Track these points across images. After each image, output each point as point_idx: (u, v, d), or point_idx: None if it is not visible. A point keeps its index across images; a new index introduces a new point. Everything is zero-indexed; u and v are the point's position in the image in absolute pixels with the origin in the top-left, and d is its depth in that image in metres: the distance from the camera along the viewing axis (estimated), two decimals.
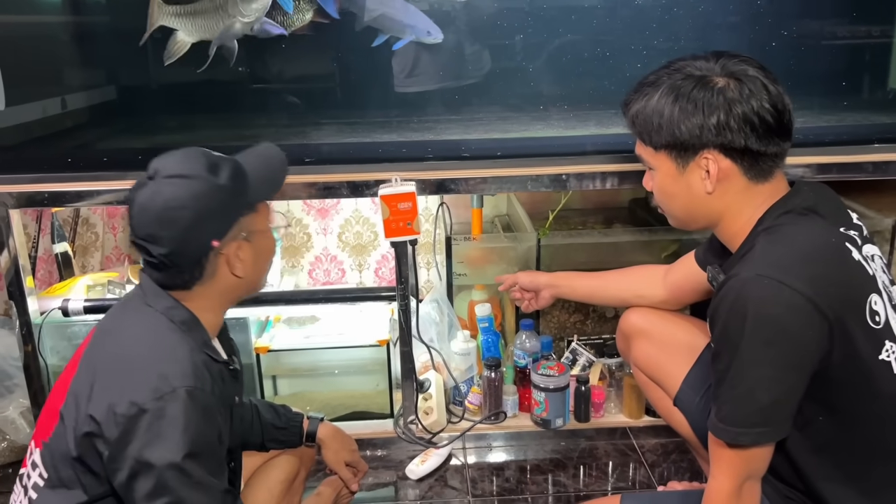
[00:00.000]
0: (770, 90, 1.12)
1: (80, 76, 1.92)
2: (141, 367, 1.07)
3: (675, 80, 1.16)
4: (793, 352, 1.04)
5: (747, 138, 1.12)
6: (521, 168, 1.80)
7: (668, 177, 1.21)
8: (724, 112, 1.11)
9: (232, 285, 1.19)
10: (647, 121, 1.18)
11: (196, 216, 1.10)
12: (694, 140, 1.14)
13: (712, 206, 1.19)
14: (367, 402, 2.07)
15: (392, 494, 1.86)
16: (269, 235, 1.24)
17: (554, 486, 1.85)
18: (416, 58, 1.86)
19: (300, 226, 2.67)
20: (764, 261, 1.07)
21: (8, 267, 1.80)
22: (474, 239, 2.27)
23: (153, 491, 1.04)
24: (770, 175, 1.16)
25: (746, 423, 1.07)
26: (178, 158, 1.14)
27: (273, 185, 1.22)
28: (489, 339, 2.17)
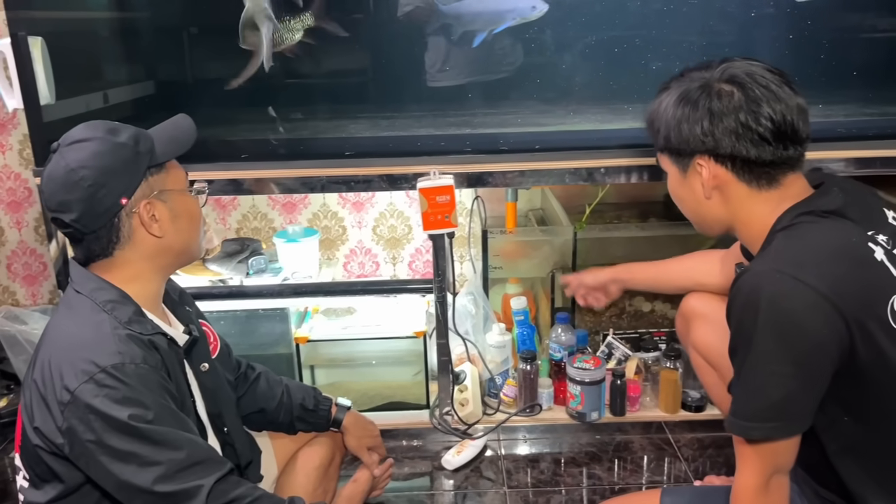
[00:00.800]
0: (769, 97, 1.10)
1: (123, 71, 1.96)
2: (68, 355, 1.08)
3: (679, 85, 1.18)
4: (807, 348, 1.03)
5: (734, 147, 1.11)
6: (558, 161, 1.80)
7: (674, 180, 1.23)
8: (707, 120, 1.12)
9: (154, 248, 1.18)
10: (651, 125, 1.22)
11: (98, 173, 1.11)
12: (684, 146, 1.16)
13: (717, 212, 1.19)
14: (403, 393, 2.10)
15: (428, 484, 1.88)
16: (187, 197, 1.23)
17: (589, 479, 1.86)
18: (452, 52, 1.87)
19: (335, 219, 2.70)
20: (779, 257, 1.06)
21: (57, 256, 1.85)
22: (509, 232, 2.27)
23: (118, 459, 1.06)
24: (775, 181, 1.13)
25: (757, 417, 1.06)
26: (79, 128, 1.16)
27: (180, 144, 1.22)
28: (524, 332, 2.17)
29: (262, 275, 2.20)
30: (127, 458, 1.06)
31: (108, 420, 1.04)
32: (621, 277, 1.76)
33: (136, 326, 1.14)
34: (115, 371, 1.06)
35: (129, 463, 1.06)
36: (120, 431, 1.05)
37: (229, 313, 2.05)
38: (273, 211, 2.70)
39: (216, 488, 1.09)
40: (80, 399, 1.04)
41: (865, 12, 1.88)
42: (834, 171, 1.80)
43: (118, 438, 1.05)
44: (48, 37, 1.73)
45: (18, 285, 2.78)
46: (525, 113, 1.94)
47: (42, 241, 2.72)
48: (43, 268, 2.76)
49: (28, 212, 2.70)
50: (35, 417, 1.10)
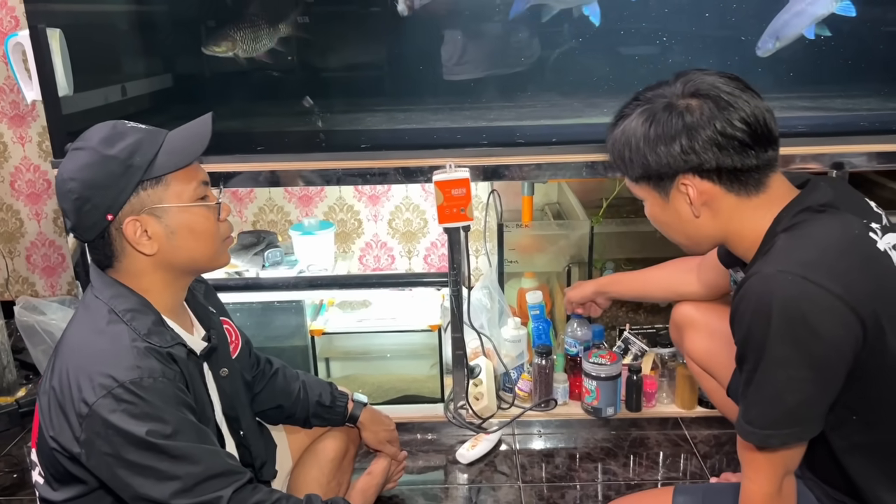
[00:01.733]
0: (739, 102, 1.07)
1: (141, 64, 1.97)
2: (87, 366, 1.07)
3: (640, 109, 1.12)
4: (822, 351, 1.00)
5: (718, 158, 1.07)
6: (576, 155, 1.79)
7: (655, 207, 1.17)
8: (686, 137, 1.07)
9: (151, 264, 1.14)
10: (620, 154, 1.15)
11: (82, 187, 1.08)
12: (665, 169, 1.10)
13: (706, 229, 1.14)
14: (418, 386, 2.09)
15: (442, 478, 1.88)
16: (192, 210, 1.15)
17: (604, 475, 1.85)
18: (469, 46, 1.86)
19: (351, 212, 2.70)
20: (785, 257, 1.03)
21: (75, 248, 1.87)
22: (525, 226, 2.26)
23: (136, 473, 1.05)
24: (761, 185, 1.10)
25: (775, 425, 1.04)
26: (90, 130, 1.13)
27: (182, 157, 1.14)
28: (540, 327, 2.16)
29: (277, 267, 2.21)
30: (145, 471, 1.06)
31: (126, 436, 1.04)
32: (605, 290, 1.76)
33: (156, 339, 1.12)
34: (133, 386, 1.05)
35: (148, 477, 1.06)
36: (138, 446, 1.05)
37: (245, 305, 2.06)
38: (289, 204, 2.70)
39: (234, 497, 1.10)
40: (97, 413, 1.04)
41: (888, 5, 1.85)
42: (856, 165, 1.77)
43: (136, 453, 1.05)
44: (67, 29, 1.74)
45: (38, 276, 2.81)
46: (542, 105, 1.93)
47: (61, 232, 2.74)
48: (61, 259, 2.79)
49: (47, 203, 2.72)
50: (52, 425, 1.09)
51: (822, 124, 1.80)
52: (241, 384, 1.37)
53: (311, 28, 1.88)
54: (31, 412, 2.16)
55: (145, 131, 1.15)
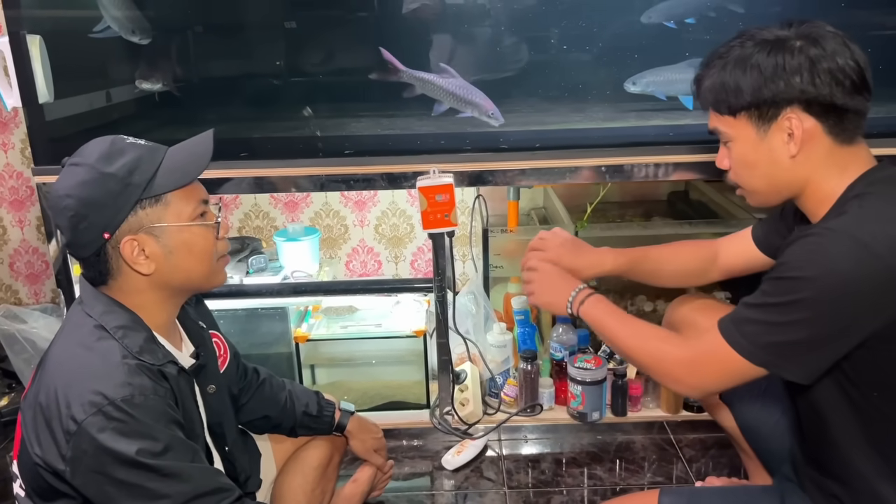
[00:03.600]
0: (850, 47, 1.10)
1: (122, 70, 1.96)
2: (76, 382, 1.05)
3: (749, 46, 1.13)
4: (851, 315, 1.02)
5: (833, 94, 1.09)
6: (559, 160, 1.79)
7: (747, 144, 1.16)
8: (807, 69, 1.08)
9: (145, 283, 1.13)
10: (725, 86, 1.14)
11: (80, 204, 1.06)
12: (778, 98, 1.11)
13: (796, 172, 1.15)
14: (403, 392, 2.09)
15: (428, 484, 1.87)
16: (189, 230, 1.14)
17: (590, 480, 1.85)
18: (454, 50, 1.86)
19: (337, 217, 2.69)
20: (855, 222, 1.05)
21: (56, 256, 1.85)
22: (511, 231, 2.26)
23: (124, 492, 1.04)
24: (854, 137, 1.13)
25: (766, 351, 1.06)
26: (88, 145, 1.11)
27: (182, 176, 1.13)
28: (525, 332, 2.16)
29: (262, 273, 2.20)
30: (134, 490, 1.04)
31: (115, 455, 1.02)
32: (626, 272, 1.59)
33: (147, 356, 1.10)
34: (124, 404, 1.03)
35: (137, 496, 1.04)
36: (127, 465, 1.03)
37: (229, 312, 2.05)
38: (275, 210, 2.69)
39: None
40: (86, 431, 1.02)
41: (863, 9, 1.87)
42: None
43: (125, 472, 1.03)
44: (47, 35, 1.73)
45: (21, 284, 2.79)
46: (526, 111, 1.93)
47: (44, 240, 2.72)
48: (45, 266, 2.76)
49: (30, 210, 2.70)
50: (38, 441, 1.07)
51: None
52: (228, 399, 1.36)
53: (295, 34, 1.87)
54: (14, 421, 2.15)
55: (145, 148, 1.13)
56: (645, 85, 1.76)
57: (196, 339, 1.28)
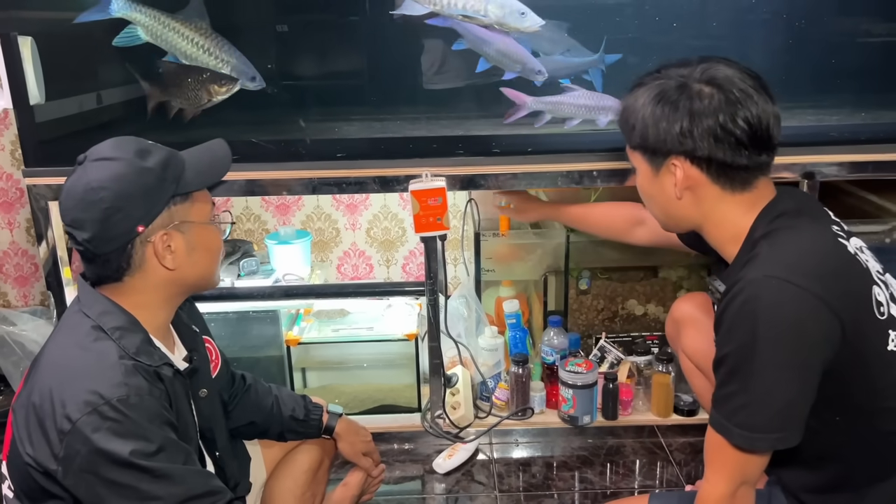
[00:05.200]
0: (748, 102, 1.09)
1: (115, 73, 1.95)
2: (71, 382, 1.04)
3: (657, 83, 1.15)
4: (806, 353, 1.03)
5: (712, 150, 1.10)
6: (551, 164, 1.80)
7: (644, 177, 1.21)
8: (687, 121, 1.10)
9: (165, 279, 1.14)
10: (625, 120, 1.19)
11: (116, 197, 1.07)
12: (660, 145, 1.14)
13: (687, 212, 1.18)
14: (394, 396, 2.09)
15: (419, 488, 1.87)
16: (209, 229, 1.19)
17: (581, 483, 1.85)
18: (445, 55, 1.87)
19: (329, 221, 2.69)
20: (770, 263, 1.06)
21: (46, 258, 1.84)
22: (502, 235, 2.27)
23: (116, 493, 1.03)
24: (747, 185, 1.13)
25: (765, 428, 1.05)
26: (109, 143, 1.12)
27: (210, 175, 1.18)
28: (517, 336, 2.17)
29: (253, 276, 2.20)
30: (126, 491, 1.03)
31: (108, 455, 1.02)
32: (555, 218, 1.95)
33: (144, 357, 1.10)
34: (119, 404, 1.03)
35: (128, 497, 1.04)
36: (120, 466, 1.03)
37: (220, 315, 2.04)
38: (266, 213, 2.69)
39: None
40: (80, 431, 1.01)
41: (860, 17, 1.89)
42: (827, 175, 1.80)
43: (118, 472, 1.03)
44: (38, 37, 1.72)
45: (10, 286, 2.77)
46: None
47: (34, 242, 2.71)
48: (34, 269, 2.75)
49: (20, 212, 2.68)
50: (30, 441, 1.06)
51: (794, 134, 1.82)
52: (219, 404, 1.36)
53: (288, 38, 1.87)
54: (3, 424, 2.13)
55: (167, 149, 1.15)
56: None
57: (189, 343, 1.28)
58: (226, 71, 1.65)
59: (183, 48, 1.65)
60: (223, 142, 1.25)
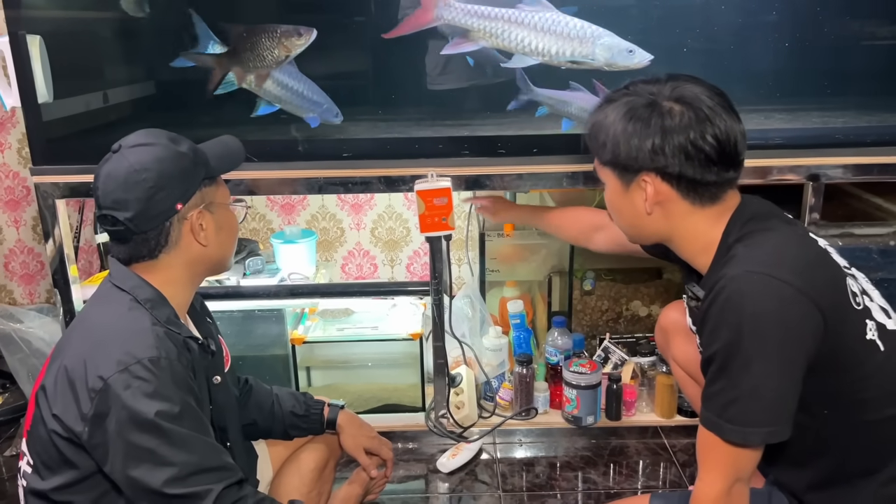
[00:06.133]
0: (717, 119, 1.11)
1: (123, 71, 1.96)
2: (105, 345, 1.10)
3: (627, 100, 1.16)
4: (791, 345, 1.04)
5: (682, 167, 1.12)
6: (556, 165, 1.80)
7: (613, 192, 1.22)
8: (659, 138, 1.11)
9: (196, 255, 1.22)
10: (595, 136, 1.20)
11: (159, 177, 1.15)
12: (631, 162, 1.15)
13: (657, 226, 1.19)
14: (399, 395, 2.09)
15: (423, 487, 1.88)
16: (230, 211, 1.29)
17: (584, 483, 1.86)
18: (450, 56, 1.87)
19: (334, 220, 2.70)
20: (749, 260, 1.08)
21: (53, 256, 1.85)
22: (507, 236, 2.27)
23: (134, 455, 1.06)
24: (716, 199, 1.15)
25: (757, 422, 1.06)
26: (141, 133, 1.20)
27: (231, 161, 1.29)
28: (521, 336, 2.17)
29: (258, 275, 2.20)
30: (143, 454, 1.06)
31: (135, 414, 1.06)
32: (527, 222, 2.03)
33: (174, 326, 1.17)
34: (150, 364, 1.08)
35: (144, 461, 1.06)
36: (143, 427, 1.06)
37: (226, 314, 2.05)
38: (272, 212, 2.70)
39: (224, 493, 1.10)
40: (111, 388, 1.06)
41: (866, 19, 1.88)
42: (832, 177, 1.80)
43: (139, 433, 1.06)
44: (47, 35, 1.73)
45: (16, 284, 2.78)
46: (523, 116, 1.94)
47: (40, 240, 2.72)
48: (40, 267, 2.76)
49: (26, 210, 2.70)
50: (56, 403, 1.10)
51: (799, 136, 1.82)
52: (232, 397, 1.38)
53: None
54: (10, 420, 2.15)
55: (189, 139, 1.24)
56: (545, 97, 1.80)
57: (204, 331, 1.34)
58: (314, 112, 1.78)
59: (269, 90, 1.77)
60: (233, 137, 1.33)
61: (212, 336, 1.34)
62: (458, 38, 1.71)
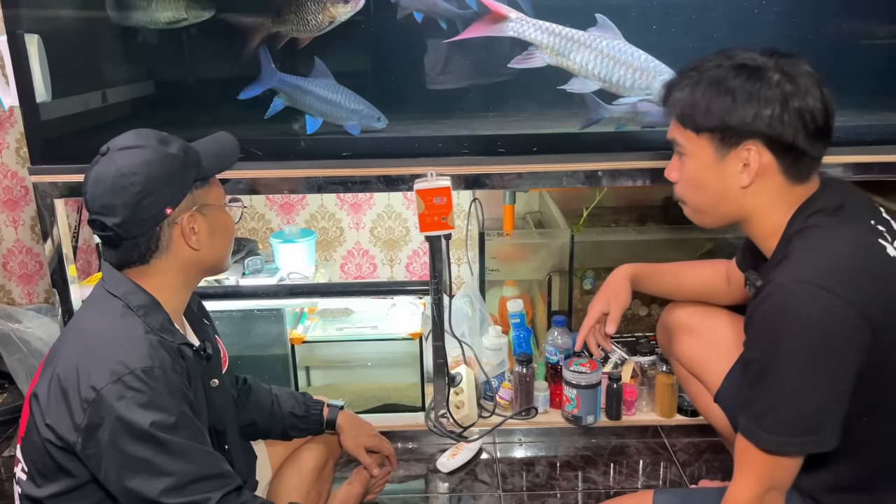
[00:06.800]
0: (822, 92, 1.10)
1: (121, 71, 1.96)
2: (98, 353, 1.08)
3: (728, 67, 1.13)
4: (833, 356, 1.02)
5: (796, 135, 1.09)
6: (556, 164, 1.80)
7: (702, 164, 1.16)
8: (779, 104, 1.08)
9: (189, 259, 1.20)
10: (695, 103, 1.14)
11: (147, 181, 1.12)
12: (743, 128, 1.10)
13: (743, 203, 1.16)
14: (398, 395, 2.09)
15: (423, 487, 1.87)
16: (224, 212, 1.26)
17: (584, 483, 1.85)
18: (450, 54, 1.87)
19: (333, 220, 2.69)
20: (801, 266, 1.05)
21: (52, 255, 1.85)
22: (507, 235, 2.27)
23: (130, 466, 1.05)
24: (807, 178, 1.14)
25: (792, 431, 1.04)
26: (130, 134, 1.17)
27: (224, 161, 1.25)
28: (520, 335, 2.17)
29: (258, 275, 2.20)
30: (139, 465, 1.05)
31: (129, 425, 1.04)
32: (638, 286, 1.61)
33: (167, 334, 1.15)
34: (143, 374, 1.06)
35: (140, 471, 1.05)
36: (138, 437, 1.05)
37: (225, 314, 2.05)
38: (270, 212, 2.69)
39: (223, 501, 1.10)
40: (104, 399, 1.04)
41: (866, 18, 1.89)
42: (832, 176, 1.79)
43: (134, 444, 1.05)
44: (45, 34, 1.73)
45: (14, 284, 2.77)
46: (523, 115, 1.93)
47: (38, 240, 2.71)
48: (39, 267, 2.75)
49: (25, 210, 2.69)
50: (50, 412, 1.09)
51: None
52: (230, 399, 1.37)
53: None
54: (8, 421, 2.14)
55: (181, 139, 1.21)
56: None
57: (201, 334, 1.32)
58: (354, 120, 1.80)
59: (313, 105, 1.81)
60: (229, 133, 1.30)
61: (209, 338, 1.32)
62: (525, 53, 1.71)
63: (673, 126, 1.21)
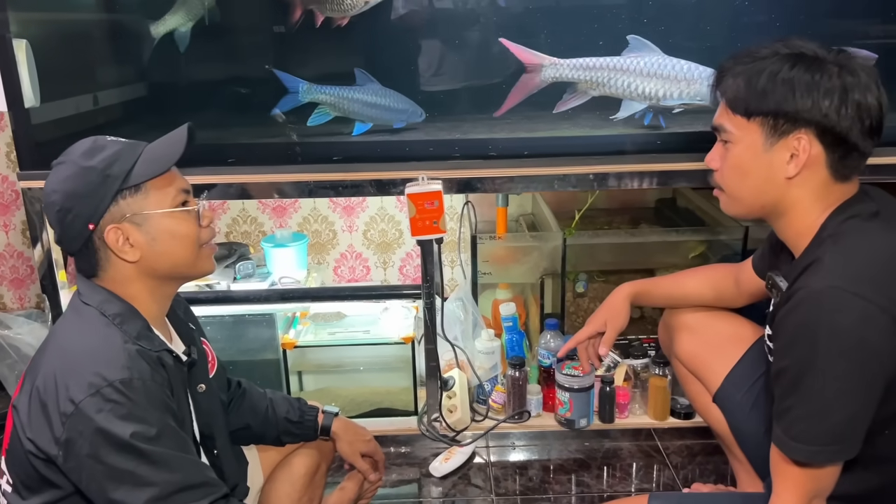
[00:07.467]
0: (879, 89, 1.09)
1: (110, 75, 1.94)
2: (75, 365, 1.07)
3: (786, 55, 1.11)
4: (869, 365, 1.01)
5: (851, 128, 1.07)
6: (547, 167, 1.79)
7: (749, 151, 1.13)
8: (839, 96, 1.06)
9: (135, 271, 1.16)
10: (750, 87, 1.11)
11: (65, 198, 1.11)
12: (798, 116, 1.08)
13: (784, 194, 1.13)
14: (391, 399, 2.08)
15: (415, 491, 1.87)
16: (173, 216, 1.17)
17: (577, 487, 1.85)
18: (442, 57, 1.86)
19: (326, 223, 2.69)
20: (834, 272, 1.04)
21: (41, 261, 1.84)
22: (499, 238, 2.27)
23: (113, 477, 1.04)
24: (850, 177, 1.12)
25: (822, 441, 1.03)
26: (73, 146, 1.16)
27: (158, 165, 1.16)
28: (513, 338, 2.17)
29: (249, 279, 2.19)
30: (122, 476, 1.04)
31: (109, 437, 1.03)
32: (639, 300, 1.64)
33: (145, 342, 1.13)
34: (122, 386, 1.05)
35: (124, 482, 1.04)
36: (119, 449, 1.03)
37: (216, 318, 2.04)
38: (263, 215, 2.68)
39: None
40: (83, 412, 1.03)
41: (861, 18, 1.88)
42: None
43: (116, 456, 1.04)
44: (33, 39, 1.72)
45: (6, 289, 2.76)
46: (515, 118, 1.93)
47: (29, 244, 2.70)
48: (30, 271, 2.74)
49: (16, 214, 2.68)
50: (31, 426, 1.08)
51: None
52: (218, 403, 1.36)
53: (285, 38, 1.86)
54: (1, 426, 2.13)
55: (125, 143, 1.17)
56: None
57: (186, 339, 1.30)
58: (403, 119, 1.82)
59: (362, 112, 1.81)
60: (185, 126, 1.21)
61: (194, 342, 1.30)
62: (567, 95, 1.73)
63: (721, 111, 1.18)
